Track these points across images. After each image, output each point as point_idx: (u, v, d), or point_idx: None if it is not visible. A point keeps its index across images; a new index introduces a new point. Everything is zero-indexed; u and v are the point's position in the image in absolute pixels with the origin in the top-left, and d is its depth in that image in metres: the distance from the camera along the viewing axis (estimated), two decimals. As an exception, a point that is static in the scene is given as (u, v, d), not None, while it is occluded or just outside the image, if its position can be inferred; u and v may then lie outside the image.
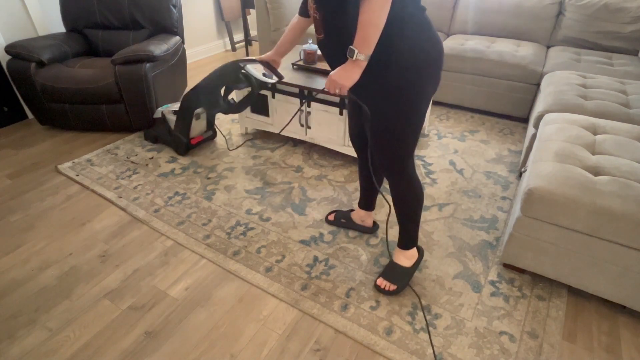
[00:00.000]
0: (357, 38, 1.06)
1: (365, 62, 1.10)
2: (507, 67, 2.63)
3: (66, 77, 2.38)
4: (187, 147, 2.35)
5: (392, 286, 1.49)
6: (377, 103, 1.21)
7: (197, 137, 2.41)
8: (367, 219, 1.76)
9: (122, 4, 2.71)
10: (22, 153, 2.42)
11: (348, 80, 1.12)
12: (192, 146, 2.40)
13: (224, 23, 4.39)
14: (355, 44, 1.07)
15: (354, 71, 1.11)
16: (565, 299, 1.48)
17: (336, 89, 1.15)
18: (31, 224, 1.85)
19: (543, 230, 1.39)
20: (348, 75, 1.12)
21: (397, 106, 1.19)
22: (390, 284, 1.50)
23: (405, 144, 1.27)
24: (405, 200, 1.40)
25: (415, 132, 1.26)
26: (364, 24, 1.03)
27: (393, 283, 1.50)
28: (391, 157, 1.30)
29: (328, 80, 1.16)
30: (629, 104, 1.94)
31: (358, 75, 1.12)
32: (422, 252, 1.59)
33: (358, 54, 1.07)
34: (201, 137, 2.42)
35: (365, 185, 1.66)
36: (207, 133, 2.48)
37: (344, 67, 1.12)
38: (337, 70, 1.14)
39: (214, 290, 1.51)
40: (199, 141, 2.41)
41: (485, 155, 2.38)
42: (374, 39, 1.05)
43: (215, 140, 2.57)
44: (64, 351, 1.30)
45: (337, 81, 1.13)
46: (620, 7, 2.67)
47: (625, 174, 1.35)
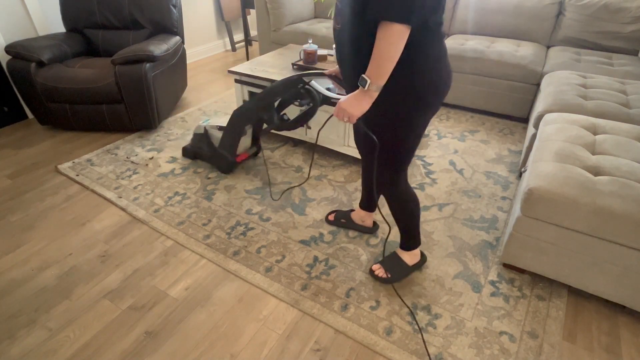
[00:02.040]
0: (371, 68, 1.02)
1: (377, 93, 1.07)
2: (507, 67, 2.63)
3: (66, 77, 2.38)
4: (232, 165, 2.18)
5: (386, 274, 1.52)
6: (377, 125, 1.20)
7: (243, 154, 2.22)
8: (367, 219, 1.77)
9: (122, 4, 2.71)
10: (22, 153, 2.42)
11: (357, 109, 1.09)
12: (237, 164, 2.25)
13: (224, 23, 4.39)
14: (368, 73, 1.03)
15: (364, 101, 1.08)
16: (565, 299, 1.48)
17: (345, 117, 1.13)
18: (31, 224, 1.85)
19: (543, 230, 1.39)
20: (358, 104, 1.08)
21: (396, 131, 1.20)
22: (385, 272, 1.52)
23: (400, 163, 1.29)
24: (401, 210, 1.43)
25: (410, 153, 1.28)
26: (380, 54, 0.98)
27: (388, 272, 1.52)
28: (385, 172, 1.32)
29: (337, 107, 1.13)
30: (629, 104, 1.94)
31: (368, 106, 1.09)
32: (425, 257, 1.61)
33: (370, 85, 1.03)
34: (246, 155, 2.24)
35: (368, 187, 1.67)
36: (251, 149, 2.31)
37: (354, 96, 1.09)
38: (348, 98, 1.10)
39: (214, 290, 1.51)
40: (244, 159, 2.23)
41: (485, 155, 2.38)
42: (389, 71, 1.01)
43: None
44: (64, 351, 1.30)
45: (346, 110, 1.10)
46: (620, 7, 2.67)
47: (625, 174, 1.35)
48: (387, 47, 0.97)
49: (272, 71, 2.28)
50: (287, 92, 1.68)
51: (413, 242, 1.52)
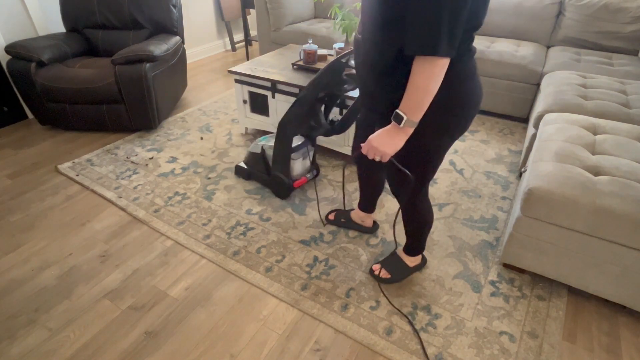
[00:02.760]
0: (409, 103, 0.92)
1: (412, 130, 0.97)
2: (507, 67, 2.63)
3: (66, 77, 2.38)
4: (289, 189, 1.94)
5: (387, 274, 1.52)
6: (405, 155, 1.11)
7: (302, 178, 1.99)
8: (366, 220, 1.77)
9: (122, 4, 2.71)
10: (22, 153, 2.42)
11: (391, 147, 1.00)
12: (294, 189, 2.04)
13: (224, 23, 4.39)
14: (404, 107, 0.94)
15: (398, 138, 0.98)
16: (565, 299, 1.48)
17: (377, 155, 1.03)
18: (31, 224, 1.85)
19: (543, 230, 1.39)
20: (392, 142, 0.99)
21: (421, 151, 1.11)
22: (386, 272, 1.52)
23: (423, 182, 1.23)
24: (414, 222, 1.40)
25: (434, 172, 1.21)
26: (417, 87, 0.89)
27: (388, 272, 1.52)
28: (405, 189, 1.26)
29: (368, 145, 1.03)
30: (629, 104, 1.94)
31: (402, 143, 0.99)
32: (425, 260, 1.61)
33: (407, 121, 0.94)
34: (305, 179, 2.01)
35: (365, 190, 1.66)
36: (311, 173, 2.08)
37: (387, 133, 0.99)
38: (379, 134, 1.01)
39: (214, 290, 1.51)
40: (303, 183, 2.01)
41: (485, 155, 2.38)
42: (426, 105, 0.92)
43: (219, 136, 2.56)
44: (64, 351, 1.30)
45: (378, 148, 1.01)
46: (620, 7, 2.67)
47: (625, 174, 1.35)
48: (427, 82, 0.88)
49: (272, 71, 2.28)
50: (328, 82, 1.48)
51: (418, 248, 1.52)
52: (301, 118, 1.68)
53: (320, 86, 1.50)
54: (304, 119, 1.67)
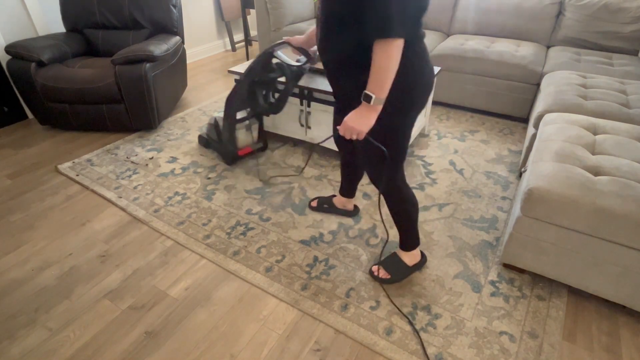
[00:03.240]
0: (374, 83, 1.04)
1: (381, 106, 1.08)
2: (507, 67, 2.63)
3: (66, 77, 2.38)
4: (234, 157, 2.25)
5: (386, 274, 1.53)
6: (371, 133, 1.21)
7: (246, 148, 2.30)
8: (348, 204, 1.86)
9: (122, 4, 2.71)
10: (22, 153, 2.42)
11: (365, 125, 1.10)
12: (240, 157, 2.31)
13: (224, 23, 4.39)
14: (371, 88, 1.05)
15: (370, 116, 1.10)
16: (565, 299, 1.48)
17: (353, 135, 1.13)
18: (31, 224, 1.85)
19: (543, 230, 1.39)
20: (364, 120, 1.10)
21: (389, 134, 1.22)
22: (385, 272, 1.53)
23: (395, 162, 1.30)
24: (399, 209, 1.43)
25: (404, 151, 1.29)
26: (381, 68, 1.01)
27: (388, 272, 1.53)
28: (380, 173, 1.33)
29: (343, 126, 1.13)
30: (629, 104, 1.94)
31: (374, 120, 1.10)
32: (425, 258, 1.61)
33: (375, 99, 1.06)
34: (250, 149, 2.31)
35: (347, 178, 1.74)
36: (256, 145, 2.36)
37: (359, 112, 1.10)
38: (352, 115, 1.11)
39: (214, 290, 1.51)
40: (248, 152, 2.30)
41: (485, 155, 2.38)
42: (390, 83, 1.04)
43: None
44: (64, 351, 1.30)
45: (354, 127, 1.11)
46: (620, 7, 2.67)
47: (625, 174, 1.35)
48: (387, 62, 1.00)
49: (272, 71, 2.28)
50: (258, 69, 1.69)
51: (412, 242, 1.53)
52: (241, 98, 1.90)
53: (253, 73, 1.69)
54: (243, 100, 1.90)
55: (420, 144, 2.51)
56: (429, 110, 2.55)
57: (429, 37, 3.11)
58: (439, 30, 3.32)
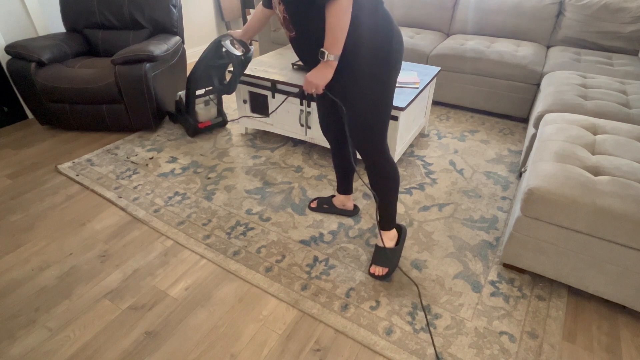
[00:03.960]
0: (327, 40, 1.14)
1: (336, 62, 1.20)
2: (507, 67, 2.63)
3: (66, 77, 2.38)
4: (194, 129, 2.51)
5: (384, 270, 1.56)
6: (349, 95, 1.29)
7: (206, 122, 2.56)
8: (347, 203, 1.87)
9: (122, 4, 2.71)
10: (22, 153, 2.42)
11: (322, 79, 1.22)
12: (201, 130, 2.56)
13: (224, 23, 4.39)
14: (325, 46, 1.16)
15: (327, 71, 1.21)
16: (565, 299, 1.48)
17: (312, 88, 1.25)
18: (31, 224, 1.85)
19: (543, 230, 1.39)
20: (322, 75, 1.21)
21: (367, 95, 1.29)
22: (382, 268, 1.56)
23: (378, 129, 1.37)
24: (382, 180, 1.48)
25: (385, 117, 1.36)
26: (331, 27, 1.11)
27: (384, 266, 1.56)
28: (366, 141, 1.39)
29: (305, 81, 1.25)
30: (629, 104, 1.94)
31: (331, 75, 1.22)
32: (404, 229, 1.65)
33: (328, 55, 1.17)
34: (209, 122, 2.57)
35: (341, 172, 1.76)
36: (216, 119, 2.62)
37: (317, 68, 1.22)
38: (312, 71, 1.23)
39: (214, 290, 1.51)
40: (207, 126, 2.56)
41: (485, 155, 2.38)
42: (342, 40, 1.14)
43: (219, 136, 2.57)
44: (64, 351, 1.30)
45: (312, 81, 1.23)
46: (620, 7, 2.67)
47: (625, 174, 1.35)
48: (337, 20, 1.10)
49: (272, 71, 2.28)
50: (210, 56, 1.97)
51: (389, 220, 1.57)
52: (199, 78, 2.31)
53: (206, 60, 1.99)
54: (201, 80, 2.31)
55: (420, 144, 2.51)
56: (429, 110, 2.55)
57: (428, 37, 3.11)
58: (439, 30, 3.32)
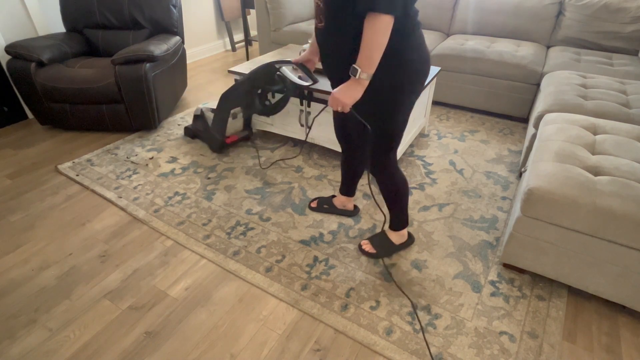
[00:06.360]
0: (361, 57, 1.07)
1: (367, 81, 1.12)
2: (507, 67, 2.63)
3: (66, 77, 2.38)
4: (221, 145, 2.39)
5: (372, 250, 1.61)
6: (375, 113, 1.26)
7: (232, 136, 2.45)
8: (348, 204, 1.87)
9: (122, 4, 2.71)
10: (22, 153, 2.42)
11: (350, 98, 1.14)
12: (227, 145, 2.44)
13: (224, 23, 4.39)
14: (358, 62, 1.09)
15: (356, 90, 1.13)
16: (565, 299, 1.48)
17: (338, 106, 1.17)
18: (31, 224, 1.85)
19: (543, 230, 1.39)
20: (350, 93, 1.13)
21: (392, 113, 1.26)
22: (372, 247, 1.62)
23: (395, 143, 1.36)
24: (390, 191, 1.50)
25: (398, 135, 1.34)
26: (368, 43, 1.04)
27: (374, 248, 1.62)
28: (384, 153, 1.39)
29: (331, 97, 1.18)
30: (629, 104, 1.94)
31: (360, 94, 1.14)
32: (413, 239, 1.68)
33: (361, 73, 1.09)
34: (236, 137, 2.46)
35: (349, 175, 1.75)
36: (242, 133, 2.52)
37: (346, 85, 1.14)
38: (340, 88, 1.15)
39: (214, 290, 1.51)
40: (234, 140, 2.45)
41: (485, 155, 2.38)
42: (378, 58, 1.07)
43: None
44: (64, 351, 1.30)
45: (339, 99, 1.15)
46: (620, 7, 2.67)
47: (625, 174, 1.35)
48: (375, 36, 1.03)
49: (272, 71, 2.28)
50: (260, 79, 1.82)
51: (401, 222, 1.59)
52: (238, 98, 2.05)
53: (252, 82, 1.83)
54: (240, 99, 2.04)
55: (420, 144, 2.51)
56: (429, 110, 2.55)
57: (428, 37, 3.11)
58: (439, 30, 3.32)
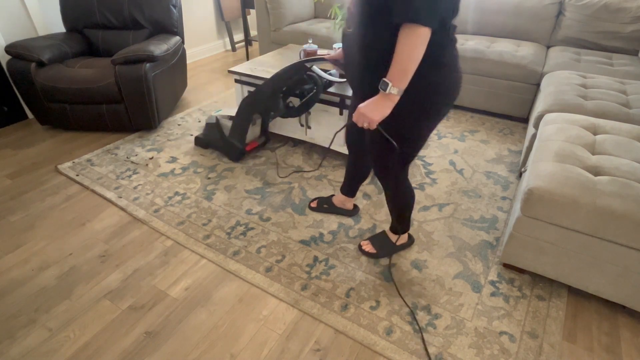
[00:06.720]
0: (393, 70, 1.00)
1: (398, 97, 1.04)
2: (507, 67, 2.63)
3: (66, 77, 2.38)
4: (242, 153, 2.28)
5: (372, 250, 1.62)
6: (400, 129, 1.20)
7: (252, 143, 2.34)
8: (347, 203, 1.86)
9: (122, 4, 2.71)
10: (22, 153, 2.42)
11: (378, 114, 1.07)
12: (246, 153, 2.34)
13: (224, 23, 4.39)
14: (390, 76, 1.01)
15: (385, 105, 1.06)
16: (565, 299, 1.48)
17: (364, 122, 1.10)
18: (31, 224, 1.85)
19: (543, 230, 1.39)
20: (379, 109, 1.06)
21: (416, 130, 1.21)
22: (372, 247, 1.63)
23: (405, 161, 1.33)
24: (397, 201, 1.49)
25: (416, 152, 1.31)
26: (402, 55, 0.96)
27: (374, 248, 1.63)
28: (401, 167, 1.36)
29: (357, 113, 1.10)
30: (629, 104, 1.94)
31: (389, 110, 1.07)
32: (413, 239, 1.69)
33: (392, 88, 1.02)
34: (256, 144, 2.36)
35: (353, 176, 1.75)
36: (260, 139, 2.43)
37: (375, 100, 1.07)
38: (367, 103, 1.08)
39: (214, 290, 1.51)
40: (254, 147, 2.35)
41: (485, 155, 2.38)
42: (411, 73, 0.99)
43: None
44: (64, 351, 1.30)
45: (366, 115, 1.08)
46: (620, 7, 2.67)
47: (625, 174, 1.35)
48: (410, 49, 0.95)
49: (272, 71, 2.28)
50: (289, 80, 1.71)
51: (403, 228, 1.60)
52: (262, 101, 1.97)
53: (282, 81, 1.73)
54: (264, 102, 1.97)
55: (420, 144, 2.51)
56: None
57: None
58: (439, 30, 3.32)
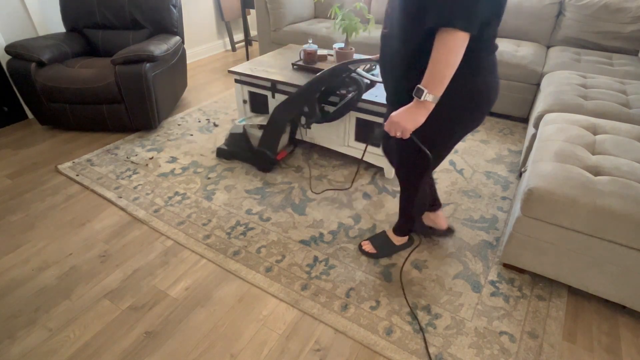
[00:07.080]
0: (429, 77, 0.94)
1: (433, 105, 0.99)
2: (507, 67, 2.63)
3: (66, 77, 2.38)
4: (272, 163, 2.18)
5: (373, 250, 1.63)
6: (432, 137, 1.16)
7: (282, 152, 2.25)
8: (437, 220, 1.69)
9: (122, 4, 2.71)
10: (22, 153, 2.42)
11: (412, 123, 1.02)
12: (278, 162, 2.26)
13: (224, 23, 4.39)
14: (425, 82, 0.96)
15: (419, 113, 1.00)
16: (565, 299, 1.48)
17: (397, 131, 1.05)
18: (31, 224, 1.85)
19: (543, 230, 1.39)
20: (412, 117, 1.01)
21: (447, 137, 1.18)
22: (372, 247, 1.63)
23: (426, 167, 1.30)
24: (410, 203, 1.48)
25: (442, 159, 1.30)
26: (438, 61, 0.92)
27: (375, 248, 1.63)
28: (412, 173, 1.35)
29: (389, 121, 1.05)
30: (629, 104, 1.94)
31: (423, 119, 1.01)
32: (413, 240, 1.69)
33: (427, 95, 0.96)
34: (285, 152, 2.27)
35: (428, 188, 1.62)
36: (289, 147, 2.36)
37: (408, 108, 1.01)
38: (401, 111, 1.03)
39: (214, 290, 1.51)
40: (284, 157, 2.26)
41: (485, 155, 2.38)
42: (447, 79, 0.94)
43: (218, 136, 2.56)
44: (64, 351, 1.30)
45: (399, 123, 1.03)
46: (620, 7, 2.67)
47: (625, 174, 1.35)
48: (447, 54, 0.90)
49: (272, 71, 2.28)
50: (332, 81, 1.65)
51: (407, 229, 1.61)
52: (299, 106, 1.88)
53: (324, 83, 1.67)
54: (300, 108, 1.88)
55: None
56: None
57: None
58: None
